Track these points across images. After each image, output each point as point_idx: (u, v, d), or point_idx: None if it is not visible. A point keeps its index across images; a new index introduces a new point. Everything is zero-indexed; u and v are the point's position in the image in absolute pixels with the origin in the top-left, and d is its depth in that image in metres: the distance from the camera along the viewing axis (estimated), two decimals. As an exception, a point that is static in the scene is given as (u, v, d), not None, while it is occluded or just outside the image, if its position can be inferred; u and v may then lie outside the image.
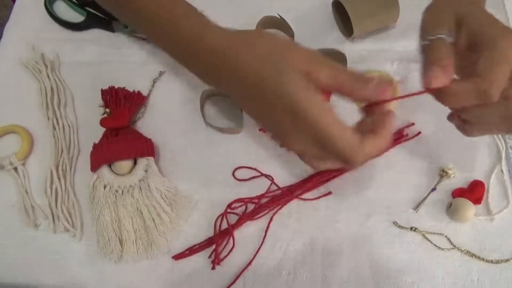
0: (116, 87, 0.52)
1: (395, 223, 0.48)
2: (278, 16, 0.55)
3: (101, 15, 0.58)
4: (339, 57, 0.54)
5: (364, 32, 0.55)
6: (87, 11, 0.58)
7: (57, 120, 0.52)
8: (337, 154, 0.33)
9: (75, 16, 0.59)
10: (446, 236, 0.47)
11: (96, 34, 0.58)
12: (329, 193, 0.49)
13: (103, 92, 0.52)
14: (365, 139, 0.33)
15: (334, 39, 0.58)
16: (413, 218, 0.48)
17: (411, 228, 0.48)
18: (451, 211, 0.47)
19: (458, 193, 0.48)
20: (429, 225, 0.48)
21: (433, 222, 0.48)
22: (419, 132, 0.52)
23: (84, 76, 0.56)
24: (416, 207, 0.49)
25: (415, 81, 0.54)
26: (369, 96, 0.34)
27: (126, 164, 0.48)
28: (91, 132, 0.51)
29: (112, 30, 0.58)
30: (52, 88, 0.54)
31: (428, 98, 0.54)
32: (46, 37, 0.58)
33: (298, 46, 0.34)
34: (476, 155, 0.51)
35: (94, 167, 0.48)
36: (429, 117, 0.53)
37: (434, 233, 0.48)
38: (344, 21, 0.57)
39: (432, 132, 0.52)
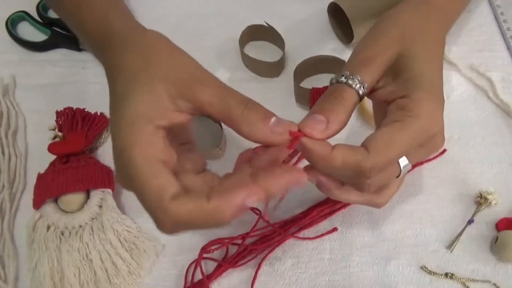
0: (74, 108, 0.44)
1: (423, 268, 0.37)
2: (266, 24, 0.48)
3: (66, 33, 0.51)
4: (338, 65, 0.45)
5: (367, 36, 0.47)
6: (51, 30, 0.51)
7: (2, 149, 0.44)
8: (145, 206, 0.25)
9: (39, 36, 0.52)
10: (494, 284, 0.36)
11: (60, 54, 0.52)
12: (335, 229, 0.38)
13: (58, 114, 0.44)
14: (178, 197, 0.24)
15: (332, 48, 0.50)
16: (448, 260, 0.37)
17: (446, 275, 0.36)
18: (498, 248, 0.36)
19: (504, 224, 0.37)
20: (470, 269, 0.37)
21: (475, 265, 0.37)
22: (444, 150, 0.42)
23: (43, 100, 0.48)
24: (450, 246, 0.37)
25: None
26: (262, 135, 0.26)
27: (75, 199, 0.38)
28: (45, 163, 0.42)
29: (78, 49, 0.51)
30: (2, 113, 0.46)
31: (453, 106, 0.45)
32: (4, 59, 0.51)
33: (184, 58, 0.28)
34: (522, 175, 0.40)
35: (37, 203, 0.38)
36: (455, 130, 0.43)
37: (478, 280, 0.36)
38: (343, 27, 0.49)
39: (460, 149, 0.42)
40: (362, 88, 0.29)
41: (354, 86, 0.29)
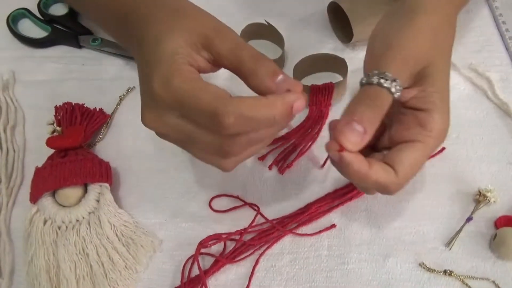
0: (73, 103, 0.44)
1: (422, 265, 0.36)
2: (266, 23, 0.48)
3: (67, 30, 0.51)
4: (338, 64, 0.46)
5: (366, 35, 0.47)
6: (52, 27, 0.52)
7: (0, 143, 0.43)
8: (203, 113, 0.26)
9: (39, 33, 0.52)
10: (493, 282, 0.35)
11: (60, 50, 0.51)
12: (333, 226, 0.38)
13: (57, 109, 0.44)
14: (242, 97, 0.27)
15: (331, 48, 0.50)
16: (447, 257, 0.37)
17: (445, 272, 0.36)
18: (497, 245, 0.36)
19: (503, 221, 0.37)
20: (469, 266, 0.36)
21: (474, 262, 0.36)
22: (443, 148, 0.42)
23: (43, 96, 0.48)
24: (449, 243, 0.37)
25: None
26: (267, 90, 0.28)
27: (73, 193, 0.38)
28: (43, 158, 0.42)
29: (78, 45, 0.51)
30: (1, 108, 0.46)
31: (452, 106, 0.45)
32: (4, 55, 0.51)
33: (207, 13, 0.32)
34: (521, 173, 0.40)
35: (34, 197, 0.38)
36: (454, 129, 0.43)
37: (476, 278, 0.36)
38: (343, 27, 0.49)
39: (459, 147, 0.42)
40: (398, 92, 0.28)
41: (393, 91, 0.28)
